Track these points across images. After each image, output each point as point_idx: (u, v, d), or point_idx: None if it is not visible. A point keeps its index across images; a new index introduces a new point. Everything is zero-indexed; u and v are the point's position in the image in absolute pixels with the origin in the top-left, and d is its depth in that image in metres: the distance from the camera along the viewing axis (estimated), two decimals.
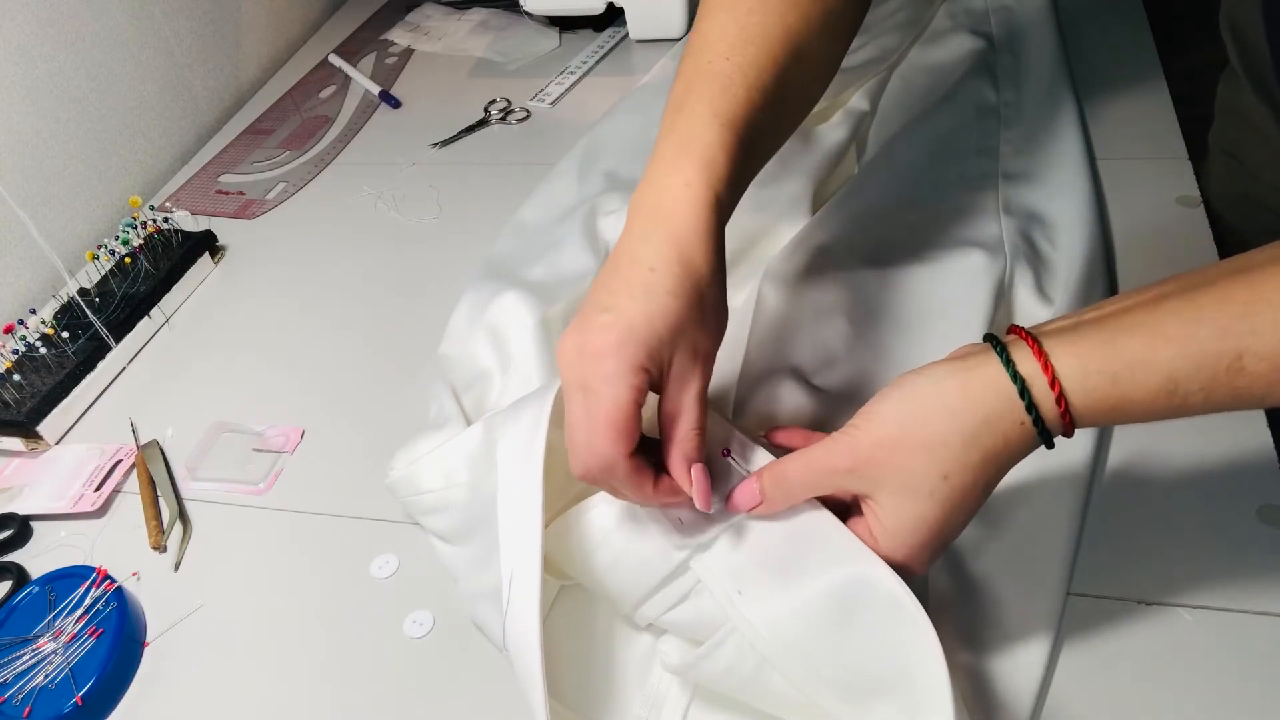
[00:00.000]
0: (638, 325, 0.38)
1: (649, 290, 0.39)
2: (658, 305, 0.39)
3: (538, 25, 1.08)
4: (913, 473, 0.37)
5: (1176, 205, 0.66)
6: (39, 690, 0.49)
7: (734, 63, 0.44)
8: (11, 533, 0.60)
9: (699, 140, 0.42)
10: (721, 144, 0.42)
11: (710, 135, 0.42)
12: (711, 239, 0.41)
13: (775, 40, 0.45)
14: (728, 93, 0.44)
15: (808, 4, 0.47)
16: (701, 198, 0.41)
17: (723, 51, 0.45)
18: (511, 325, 0.62)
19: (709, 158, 0.42)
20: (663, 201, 0.41)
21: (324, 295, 0.76)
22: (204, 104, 1.01)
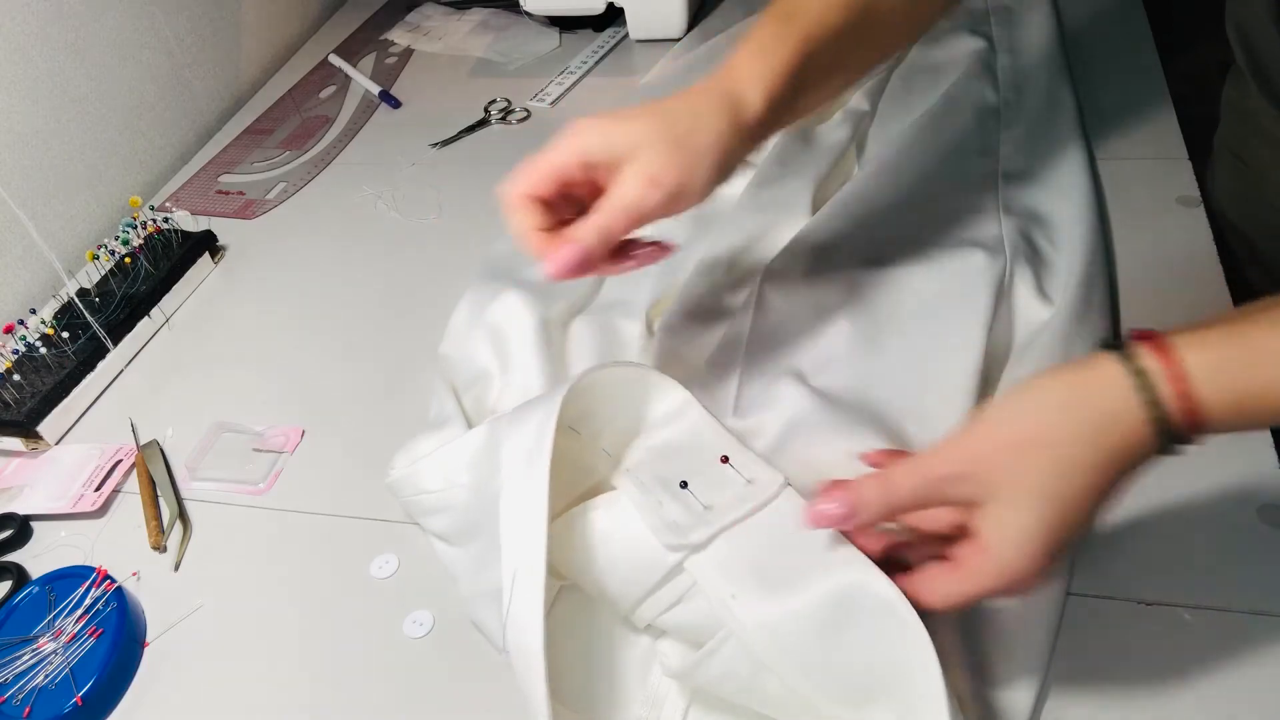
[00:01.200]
0: (612, 125, 0.45)
1: (653, 112, 0.45)
2: (643, 122, 0.44)
3: (538, 25, 1.08)
4: (1031, 474, 0.36)
5: (1176, 205, 0.66)
6: (39, 690, 0.49)
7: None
8: (11, 533, 0.60)
9: (767, 43, 0.47)
10: (789, 45, 0.46)
11: (778, 39, 0.47)
12: (750, 110, 0.45)
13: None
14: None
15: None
16: (752, 83, 0.46)
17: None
18: (511, 325, 0.62)
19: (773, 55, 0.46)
20: (725, 70, 0.47)
21: (324, 295, 0.76)
22: (204, 104, 1.01)
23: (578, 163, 0.45)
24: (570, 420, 0.46)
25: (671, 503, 0.44)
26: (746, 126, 0.46)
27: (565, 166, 0.45)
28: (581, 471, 0.48)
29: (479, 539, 0.48)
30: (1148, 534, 0.48)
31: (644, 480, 0.45)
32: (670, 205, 0.45)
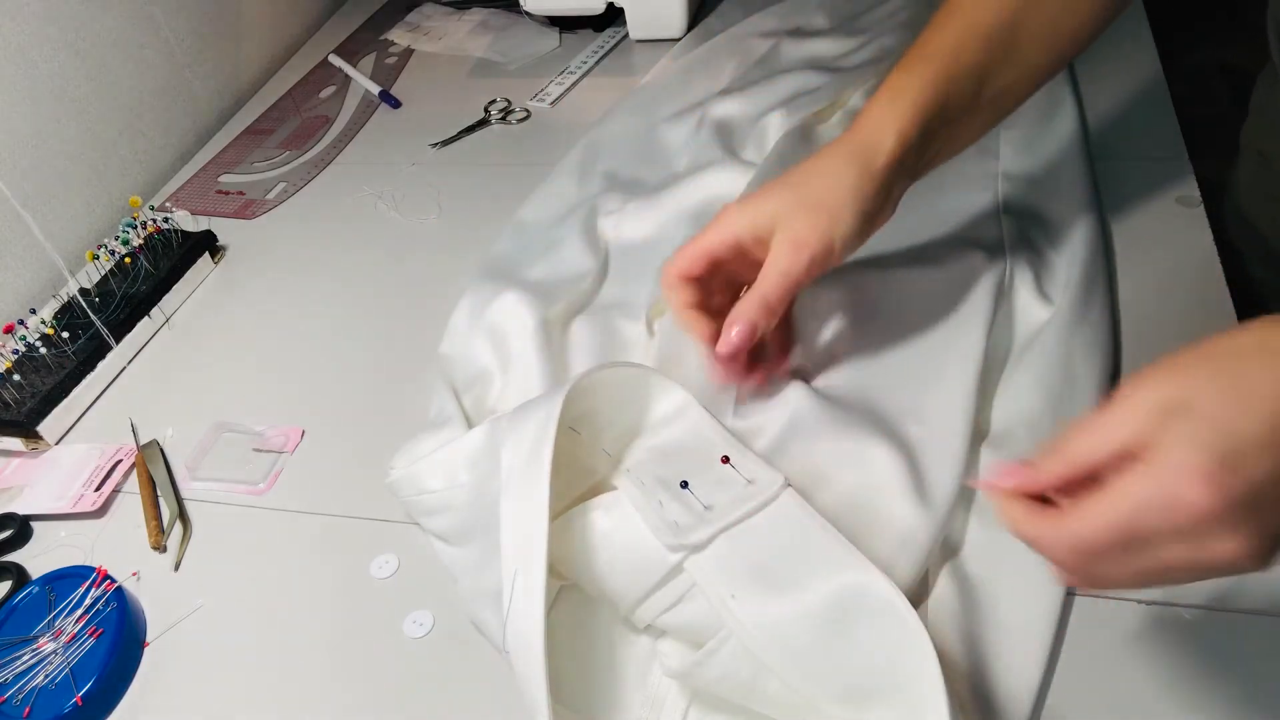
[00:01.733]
0: (753, 205, 0.48)
1: (788, 182, 0.48)
2: (779, 194, 0.47)
3: (538, 25, 1.08)
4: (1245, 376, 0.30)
5: (1176, 205, 0.66)
6: (39, 690, 0.49)
7: (948, 9, 0.50)
8: (11, 533, 0.60)
9: (904, 84, 0.48)
10: (927, 84, 0.48)
11: (916, 79, 0.48)
12: (883, 158, 0.47)
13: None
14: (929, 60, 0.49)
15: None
16: (882, 129, 0.47)
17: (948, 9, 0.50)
18: (511, 325, 0.62)
19: (909, 97, 0.48)
20: (858, 122, 0.49)
21: (324, 295, 0.76)
22: (204, 104, 1.01)
23: (730, 245, 0.48)
24: (571, 420, 0.46)
25: (672, 503, 0.44)
26: (880, 173, 0.47)
27: (718, 248, 0.48)
28: (582, 472, 0.48)
29: (479, 539, 0.48)
30: None
31: (644, 480, 0.45)
32: (820, 264, 0.47)
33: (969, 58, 0.48)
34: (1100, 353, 0.55)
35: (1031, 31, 0.49)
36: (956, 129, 0.50)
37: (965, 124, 0.50)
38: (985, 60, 0.48)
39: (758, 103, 0.82)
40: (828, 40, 0.91)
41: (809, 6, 0.98)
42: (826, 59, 0.88)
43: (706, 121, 0.82)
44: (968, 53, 0.48)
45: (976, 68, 0.48)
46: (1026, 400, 0.54)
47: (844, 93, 0.81)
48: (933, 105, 0.47)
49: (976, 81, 0.49)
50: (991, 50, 0.48)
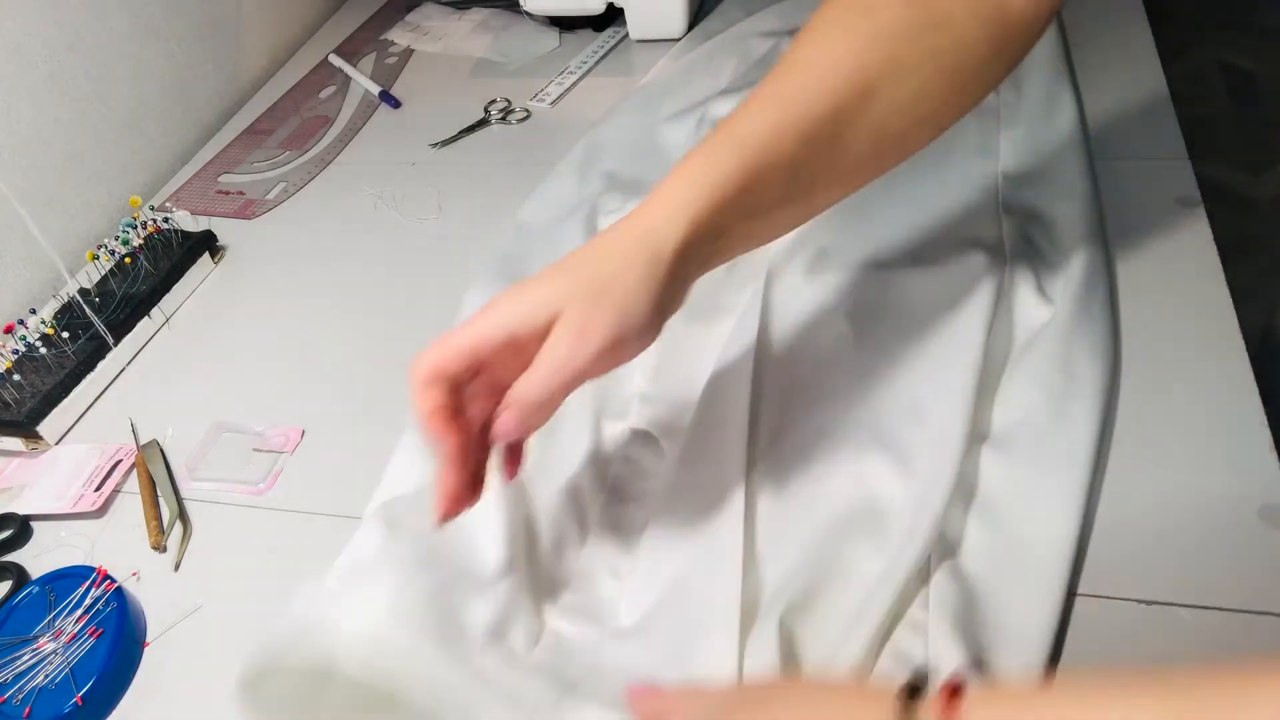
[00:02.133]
0: (529, 291, 0.41)
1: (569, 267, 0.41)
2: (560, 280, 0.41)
3: (538, 25, 1.08)
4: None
5: (1176, 205, 0.66)
6: (39, 690, 0.49)
7: (775, 88, 0.43)
8: (11, 533, 0.60)
9: (701, 162, 0.42)
10: (721, 170, 0.41)
11: (714, 157, 0.42)
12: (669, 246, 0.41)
13: (840, 72, 0.42)
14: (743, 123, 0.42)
15: (902, 41, 0.43)
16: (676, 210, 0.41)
17: (777, 72, 0.44)
18: None
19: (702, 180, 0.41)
20: (645, 202, 0.42)
21: (324, 295, 0.76)
22: (204, 104, 1.01)
23: (501, 336, 0.40)
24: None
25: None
26: (669, 261, 0.41)
27: (484, 342, 0.40)
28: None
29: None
30: (1148, 534, 0.48)
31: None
32: (610, 356, 0.41)
33: (784, 149, 0.42)
34: (1100, 353, 0.55)
35: (860, 129, 0.43)
36: (760, 223, 0.44)
37: (771, 218, 0.45)
38: (802, 155, 0.42)
39: None
40: None
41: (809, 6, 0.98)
42: None
43: (706, 121, 0.82)
44: (784, 143, 0.42)
45: (790, 161, 0.42)
46: (1027, 400, 0.54)
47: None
48: (734, 196, 0.41)
49: (789, 175, 0.42)
50: (812, 145, 0.42)
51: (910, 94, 0.43)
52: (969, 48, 0.44)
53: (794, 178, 0.43)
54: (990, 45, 0.44)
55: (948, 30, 0.43)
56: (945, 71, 0.44)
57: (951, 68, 0.44)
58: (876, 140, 0.44)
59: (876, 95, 0.42)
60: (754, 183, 0.42)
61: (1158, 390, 0.55)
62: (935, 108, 0.45)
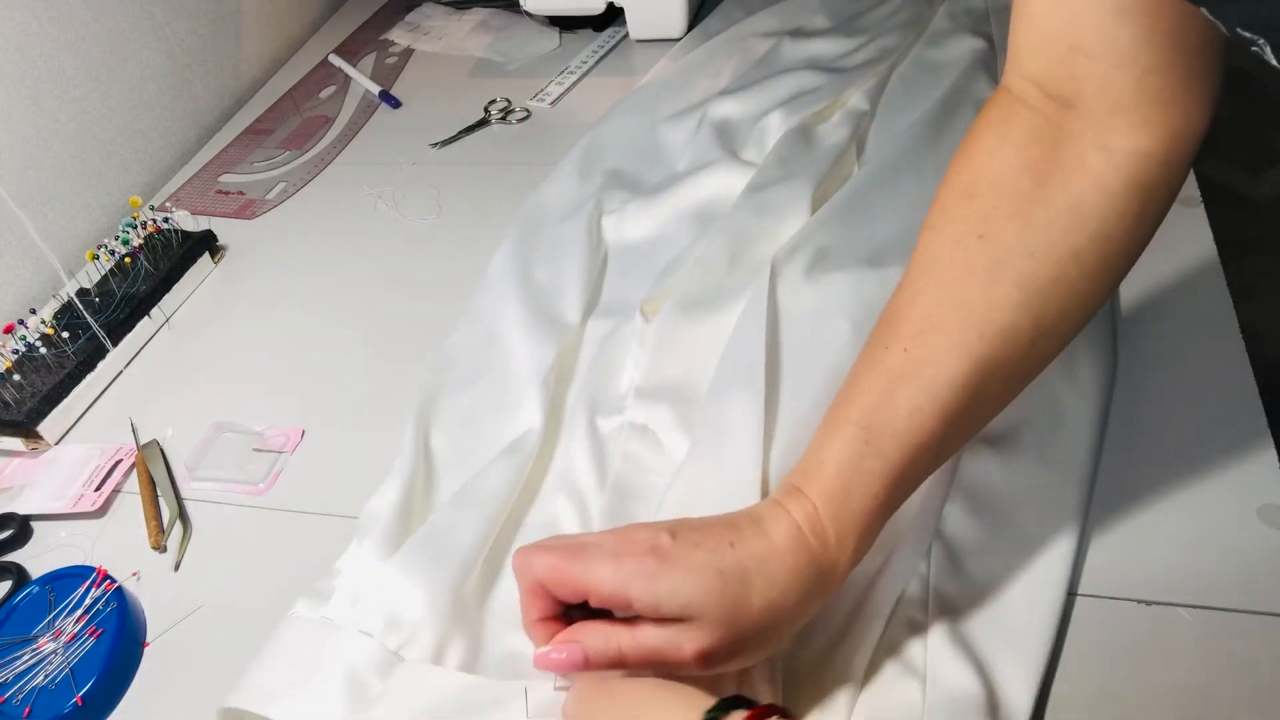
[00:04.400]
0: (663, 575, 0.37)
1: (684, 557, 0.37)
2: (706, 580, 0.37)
3: (538, 25, 1.08)
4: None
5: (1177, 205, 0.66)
6: (39, 690, 0.49)
7: (911, 355, 0.39)
8: (11, 533, 0.60)
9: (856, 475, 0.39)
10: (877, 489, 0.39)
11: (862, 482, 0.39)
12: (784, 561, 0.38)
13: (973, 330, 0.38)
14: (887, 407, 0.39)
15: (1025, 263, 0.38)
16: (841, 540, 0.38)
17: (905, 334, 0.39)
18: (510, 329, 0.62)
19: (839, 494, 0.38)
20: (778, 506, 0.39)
21: (324, 295, 0.76)
22: (204, 104, 1.01)
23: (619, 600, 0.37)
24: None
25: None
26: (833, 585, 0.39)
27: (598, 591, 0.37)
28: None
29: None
30: (1148, 534, 0.48)
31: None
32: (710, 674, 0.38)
33: (927, 432, 0.38)
34: (1100, 352, 0.55)
35: (1002, 373, 0.39)
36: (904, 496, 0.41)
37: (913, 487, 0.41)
38: (945, 431, 0.39)
39: (758, 103, 0.82)
40: (828, 40, 0.91)
41: (809, 6, 0.98)
42: (826, 59, 0.88)
43: (706, 121, 0.82)
44: (926, 428, 0.38)
45: (937, 441, 0.39)
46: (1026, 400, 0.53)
47: (844, 93, 0.81)
48: (885, 504, 0.39)
49: (934, 453, 0.39)
50: (953, 419, 0.38)
51: (1053, 315, 0.38)
52: (1110, 230, 0.38)
53: (938, 454, 0.40)
54: (1135, 212, 0.38)
55: (1081, 222, 0.38)
56: (1091, 274, 0.38)
57: (1095, 267, 0.38)
58: (1019, 373, 0.40)
59: (1014, 330, 0.38)
60: (904, 478, 0.39)
61: (1158, 390, 0.55)
62: (1085, 315, 0.40)
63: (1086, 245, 0.38)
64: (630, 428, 0.56)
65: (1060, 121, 0.39)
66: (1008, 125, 0.40)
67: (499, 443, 0.56)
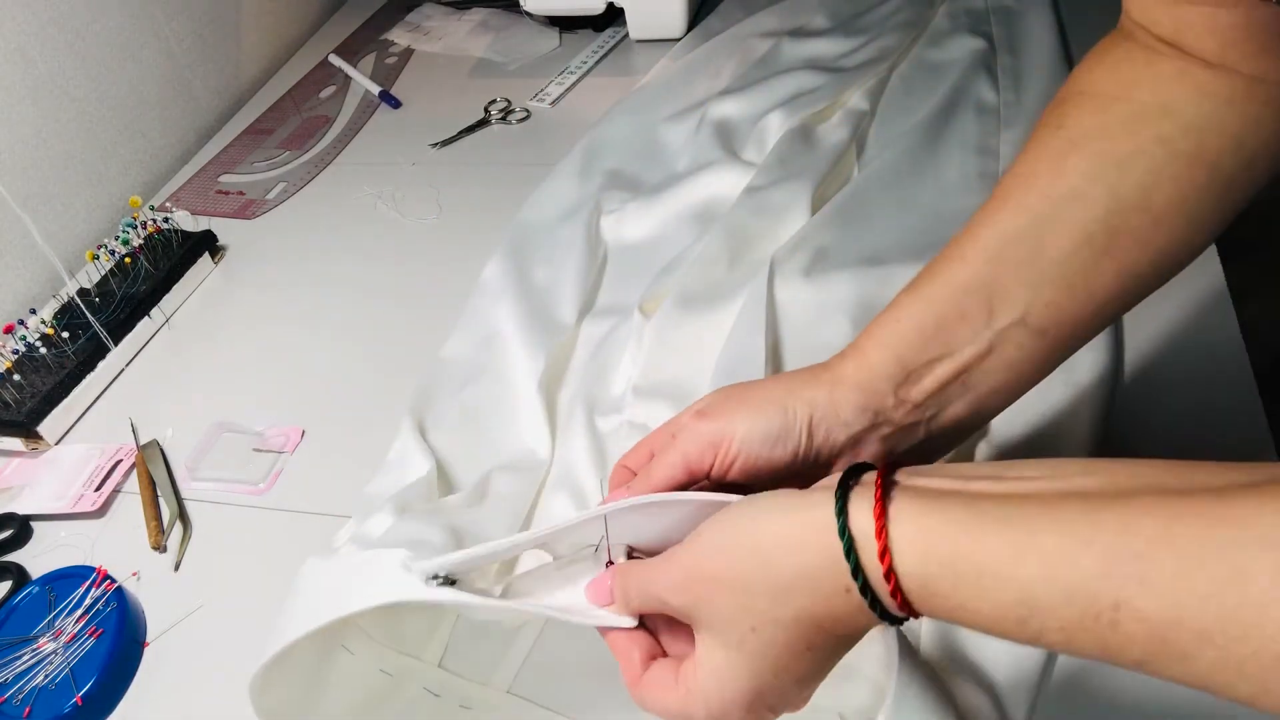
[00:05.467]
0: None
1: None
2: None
3: (538, 25, 1.08)
4: (722, 615, 0.32)
5: None
6: (39, 690, 0.49)
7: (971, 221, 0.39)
8: (11, 533, 0.60)
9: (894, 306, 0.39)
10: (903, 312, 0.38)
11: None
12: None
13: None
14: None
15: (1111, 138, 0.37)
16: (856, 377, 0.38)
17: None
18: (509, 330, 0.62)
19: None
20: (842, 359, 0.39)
21: (324, 295, 0.76)
22: (204, 104, 1.01)
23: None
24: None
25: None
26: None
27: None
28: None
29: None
30: None
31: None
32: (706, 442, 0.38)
33: (969, 267, 0.38)
34: (1101, 353, 0.55)
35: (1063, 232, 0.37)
36: (964, 361, 0.39)
37: (980, 357, 0.39)
38: (994, 273, 0.38)
39: (758, 103, 0.82)
40: (828, 40, 0.91)
41: (809, 6, 0.98)
42: (826, 59, 0.88)
43: (706, 121, 0.82)
44: (967, 262, 0.38)
45: (982, 283, 0.38)
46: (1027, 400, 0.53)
47: (844, 93, 0.81)
48: (914, 327, 0.38)
49: (983, 300, 0.38)
50: (1002, 261, 0.38)
51: (1135, 187, 0.37)
52: (1205, 132, 0.36)
53: (990, 300, 0.37)
54: (1232, 131, 0.37)
55: (1170, 117, 0.37)
56: (1180, 157, 0.37)
57: (1190, 153, 0.36)
58: (1098, 244, 0.37)
59: (1083, 196, 0.37)
60: (939, 315, 0.38)
61: (1158, 390, 0.55)
62: (1179, 199, 0.37)
63: (1175, 135, 0.36)
64: (630, 426, 0.56)
65: (1163, 49, 0.38)
66: (1106, 50, 0.40)
67: (497, 443, 0.56)
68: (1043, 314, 0.37)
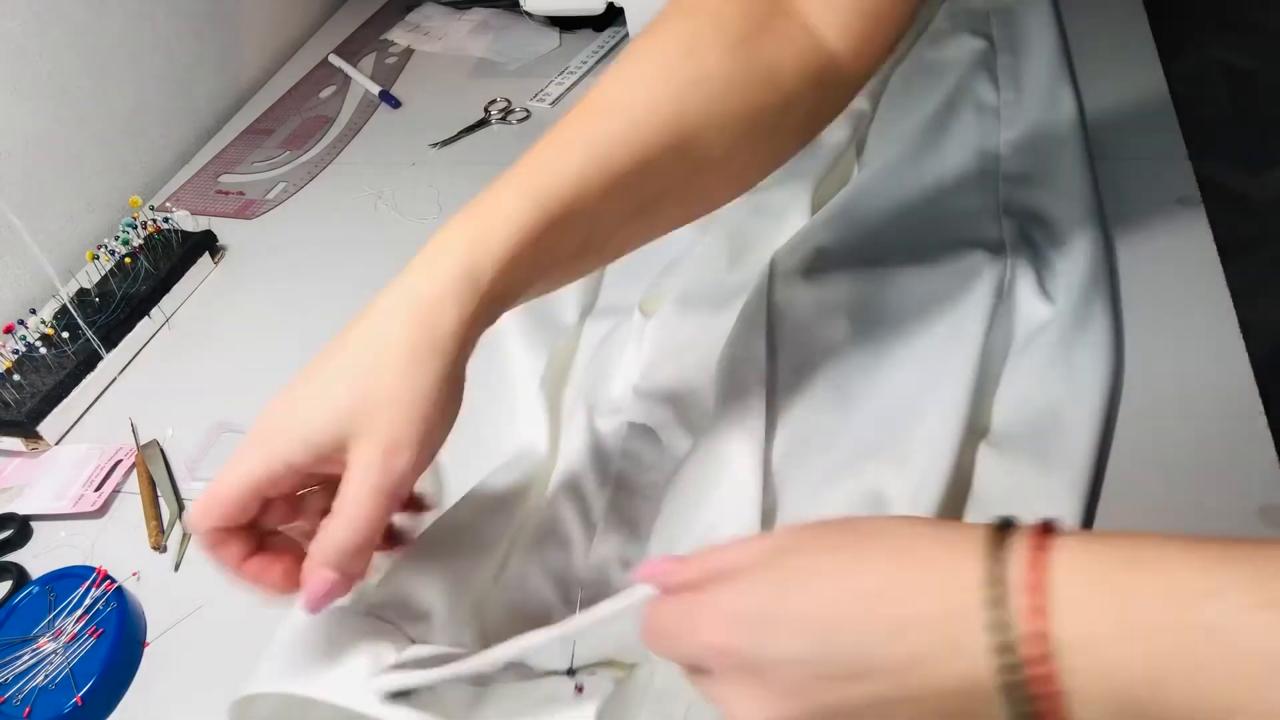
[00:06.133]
0: (309, 416, 0.36)
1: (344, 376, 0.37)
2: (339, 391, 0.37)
3: (538, 25, 1.08)
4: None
5: (1176, 205, 0.66)
6: (39, 690, 0.49)
7: (581, 130, 0.40)
8: (11, 533, 0.60)
9: (492, 211, 0.39)
10: (516, 223, 0.38)
11: (508, 207, 0.38)
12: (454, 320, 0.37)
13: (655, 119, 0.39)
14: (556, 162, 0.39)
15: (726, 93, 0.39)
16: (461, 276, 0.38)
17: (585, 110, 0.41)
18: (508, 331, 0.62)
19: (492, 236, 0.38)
20: (422, 260, 0.39)
21: (324, 295, 0.76)
22: (204, 104, 1.01)
23: (283, 471, 0.37)
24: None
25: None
26: (457, 337, 0.38)
27: (264, 479, 0.37)
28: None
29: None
30: None
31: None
32: (424, 458, 0.37)
33: (587, 201, 0.38)
34: (1101, 352, 0.55)
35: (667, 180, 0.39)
36: (547, 281, 0.40)
37: (560, 273, 0.40)
38: (605, 207, 0.39)
39: None
40: None
41: None
42: None
43: None
44: (588, 195, 0.39)
45: (591, 213, 0.39)
46: (1027, 399, 0.54)
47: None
48: (528, 254, 0.38)
49: (587, 228, 0.39)
50: (615, 197, 0.39)
51: (725, 149, 0.40)
52: (793, 105, 0.40)
53: (592, 230, 0.39)
54: (813, 103, 0.41)
55: (774, 86, 0.40)
56: (764, 130, 0.40)
57: (772, 126, 0.40)
58: (680, 194, 0.40)
59: (690, 149, 0.39)
60: (551, 238, 0.38)
61: (1158, 390, 0.55)
62: (746, 165, 0.42)
63: (771, 104, 0.40)
64: (630, 426, 0.56)
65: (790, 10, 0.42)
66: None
67: (498, 445, 0.56)
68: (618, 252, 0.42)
